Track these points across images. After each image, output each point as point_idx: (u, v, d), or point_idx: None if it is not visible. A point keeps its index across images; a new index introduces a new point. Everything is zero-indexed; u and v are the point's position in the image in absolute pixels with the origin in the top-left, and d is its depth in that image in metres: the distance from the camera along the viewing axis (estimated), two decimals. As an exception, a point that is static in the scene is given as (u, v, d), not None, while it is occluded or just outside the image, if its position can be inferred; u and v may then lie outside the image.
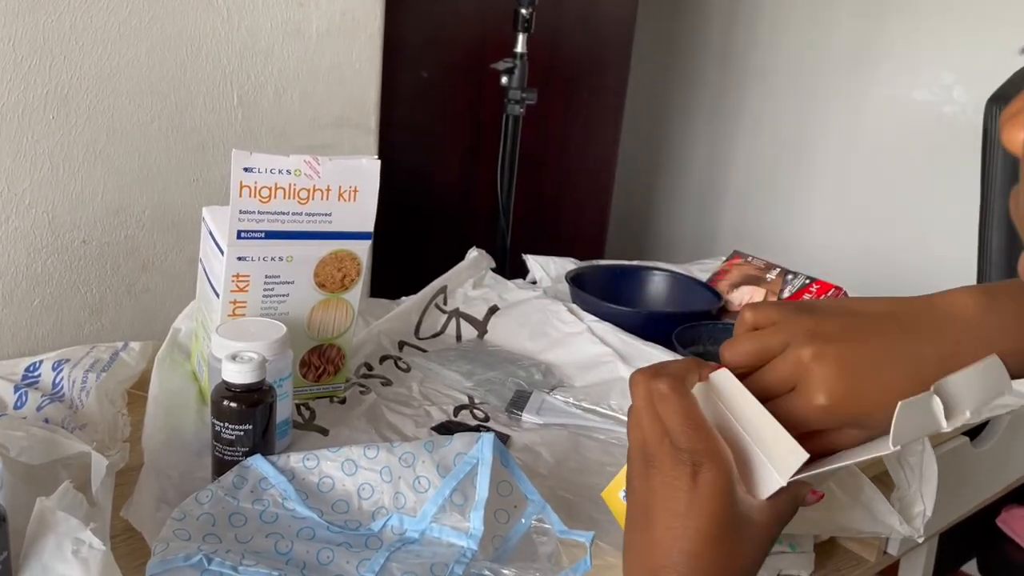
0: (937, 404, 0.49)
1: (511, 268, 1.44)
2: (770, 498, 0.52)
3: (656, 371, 0.54)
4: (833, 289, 1.05)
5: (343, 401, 0.88)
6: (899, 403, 0.47)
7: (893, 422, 0.47)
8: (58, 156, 0.97)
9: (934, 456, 0.82)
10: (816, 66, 1.93)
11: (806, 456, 0.50)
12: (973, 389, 0.49)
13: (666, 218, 2.31)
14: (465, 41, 1.61)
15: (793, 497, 0.53)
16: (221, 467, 0.68)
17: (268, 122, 1.12)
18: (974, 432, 1.02)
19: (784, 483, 0.51)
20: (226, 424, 0.67)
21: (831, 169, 1.94)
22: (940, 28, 1.69)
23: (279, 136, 1.14)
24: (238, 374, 0.67)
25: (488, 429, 0.84)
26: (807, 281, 1.07)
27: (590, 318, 1.04)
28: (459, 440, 0.67)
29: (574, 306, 1.07)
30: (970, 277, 1.32)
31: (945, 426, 0.48)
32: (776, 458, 0.52)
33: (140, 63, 0.99)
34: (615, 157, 1.95)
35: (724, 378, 0.54)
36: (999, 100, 1.24)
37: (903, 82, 1.80)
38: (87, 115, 0.98)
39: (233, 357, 0.68)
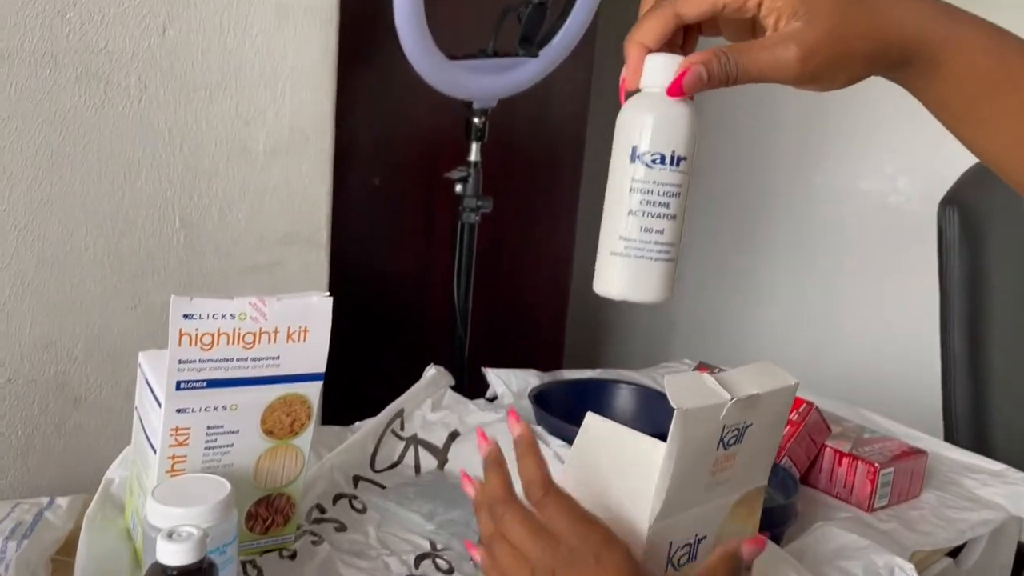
0: (709, 379, 0.56)
1: (470, 378, 1.38)
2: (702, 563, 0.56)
3: (509, 500, 0.57)
4: (805, 404, 1.02)
5: (293, 555, 0.81)
6: (666, 377, 0.55)
7: (667, 390, 0.54)
8: (-19, 292, 0.90)
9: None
10: (765, 159, 1.96)
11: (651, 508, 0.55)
12: (750, 380, 0.58)
13: (624, 315, 2.29)
14: (417, 147, 1.59)
15: (728, 553, 0.55)
16: (156, 658, 0.61)
17: (212, 242, 1.07)
18: (956, 551, 0.99)
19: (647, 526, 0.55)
20: (161, 611, 0.60)
21: (784, 264, 1.94)
22: (881, 119, 1.73)
23: (224, 256, 1.08)
24: (175, 555, 0.60)
25: (453, 584, 0.77)
26: (777, 396, 1.04)
27: (556, 443, 0.99)
28: (423, 619, 0.61)
29: (539, 429, 1.02)
30: (933, 363, 1.29)
31: (726, 395, 0.56)
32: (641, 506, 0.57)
33: (74, 191, 0.94)
34: (571, 257, 1.93)
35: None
36: (952, 203, 1.25)
37: (847, 173, 1.83)
38: (14, 247, 0.91)
39: (170, 534, 0.61)
